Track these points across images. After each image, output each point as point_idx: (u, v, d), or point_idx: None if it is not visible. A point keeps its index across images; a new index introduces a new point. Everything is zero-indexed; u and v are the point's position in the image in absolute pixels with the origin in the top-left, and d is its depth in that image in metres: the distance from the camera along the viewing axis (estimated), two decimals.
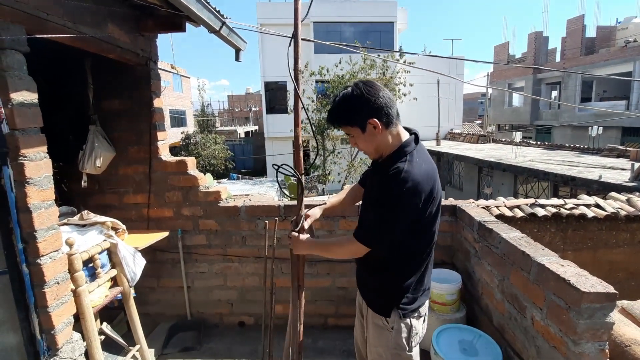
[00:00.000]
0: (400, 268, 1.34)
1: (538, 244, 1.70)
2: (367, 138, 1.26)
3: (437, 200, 1.27)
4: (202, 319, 2.72)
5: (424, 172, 1.21)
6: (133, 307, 2.18)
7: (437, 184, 1.26)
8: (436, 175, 1.27)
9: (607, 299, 1.25)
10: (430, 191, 1.22)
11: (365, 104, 1.21)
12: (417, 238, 1.29)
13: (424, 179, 1.20)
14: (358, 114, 1.23)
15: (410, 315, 1.35)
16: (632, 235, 5.02)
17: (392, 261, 1.34)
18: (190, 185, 2.56)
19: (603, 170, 8.56)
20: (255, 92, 42.76)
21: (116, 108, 2.55)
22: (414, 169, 1.18)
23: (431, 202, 1.24)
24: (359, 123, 1.24)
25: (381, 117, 1.22)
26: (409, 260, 1.33)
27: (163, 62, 23.07)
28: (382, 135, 1.25)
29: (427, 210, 1.23)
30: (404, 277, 1.34)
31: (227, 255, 2.62)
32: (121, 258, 2.04)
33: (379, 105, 1.21)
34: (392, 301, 1.34)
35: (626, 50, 17.12)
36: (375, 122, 1.22)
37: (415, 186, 1.16)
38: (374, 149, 1.29)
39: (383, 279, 1.37)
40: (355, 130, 1.26)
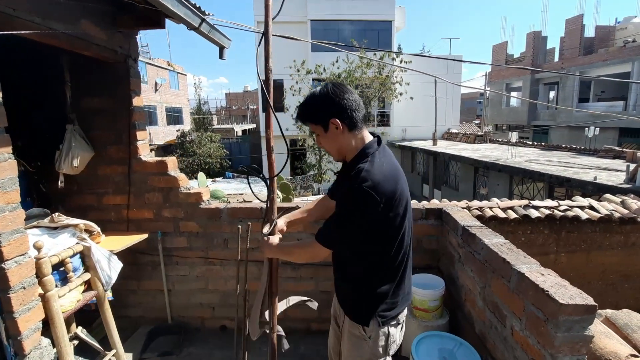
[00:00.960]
0: (375, 274, 1.31)
1: (520, 250, 1.65)
2: (329, 137, 1.28)
3: (402, 202, 1.24)
4: (183, 322, 2.66)
5: (386, 172, 1.20)
6: (108, 311, 2.12)
7: (402, 185, 1.24)
8: (400, 177, 1.25)
9: (587, 312, 1.20)
10: (393, 192, 1.19)
11: (329, 103, 1.23)
12: (385, 242, 1.26)
13: (385, 179, 1.18)
14: (321, 113, 1.25)
15: (389, 322, 1.33)
16: (626, 237, 4.99)
17: (366, 267, 1.31)
18: (171, 186, 2.50)
19: (598, 171, 8.54)
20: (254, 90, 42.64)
21: (95, 106, 2.49)
22: (374, 169, 1.17)
23: (395, 203, 1.20)
24: (322, 121, 1.25)
25: (344, 118, 1.23)
26: (383, 266, 1.30)
27: (159, 59, 22.96)
28: (344, 137, 1.26)
29: (391, 211, 1.20)
30: (380, 284, 1.31)
31: (209, 258, 2.57)
32: (95, 261, 1.98)
33: (342, 106, 1.22)
34: (370, 309, 1.31)
35: (625, 50, 17.10)
36: (337, 122, 1.23)
37: (374, 186, 1.14)
38: (336, 150, 1.31)
39: (359, 287, 1.34)
40: (318, 128, 1.28)
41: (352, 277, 1.36)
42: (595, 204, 5.03)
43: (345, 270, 1.39)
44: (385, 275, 1.31)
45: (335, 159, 1.35)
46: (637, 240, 4.99)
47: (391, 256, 1.29)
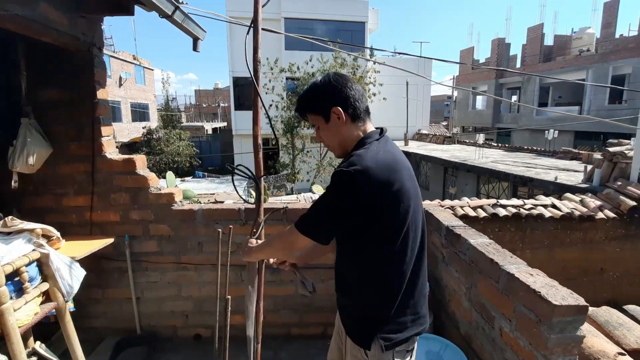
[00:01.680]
0: (376, 283, 1.13)
1: (506, 250, 1.66)
2: (331, 129, 1.17)
3: (405, 195, 1.07)
4: (153, 332, 2.48)
5: (380, 159, 1.05)
6: (70, 323, 1.92)
7: (402, 177, 1.08)
8: (400, 168, 1.09)
9: (579, 312, 1.20)
10: (386, 182, 1.03)
11: (330, 91, 1.15)
12: (381, 243, 1.09)
13: (377, 166, 1.03)
14: (322, 101, 1.16)
15: (395, 348, 1.11)
16: (585, 234, 5.29)
17: (362, 275, 1.14)
18: (140, 186, 2.32)
19: (558, 171, 9.04)
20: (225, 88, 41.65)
21: (54, 98, 2.26)
22: (366, 154, 1.06)
23: (392, 194, 1.05)
24: (323, 111, 1.16)
25: (346, 107, 1.14)
26: (385, 272, 1.12)
27: (124, 53, 21.87)
28: (346, 128, 1.16)
29: (385, 202, 1.04)
30: (381, 295, 1.12)
31: (182, 263, 2.41)
32: (54, 270, 1.78)
33: (345, 95, 1.14)
34: (371, 329, 1.11)
35: (580, 58, 18.30)
36: (339, 110, 1.13)
37: (362, 170, 1.01)
38: (338, 143, 1.19)
39: (359, 300, 1.17)
40: (318, 119, 1.18)
41: (350, 288, 1.20)
42: (557, 203, 5.30)
43: (344, 281, 1.22)
44: (386, 286, 1.12)
45: (337, 154, 1.22)
46: (595, 237, 5.31)
47: (392, 262, 1.11)
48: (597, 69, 16.99)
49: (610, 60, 16.44)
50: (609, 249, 5.24)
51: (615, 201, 5.34)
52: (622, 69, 16.42)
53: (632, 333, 1.55)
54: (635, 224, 5.21)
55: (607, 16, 16.76)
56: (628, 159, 5.64)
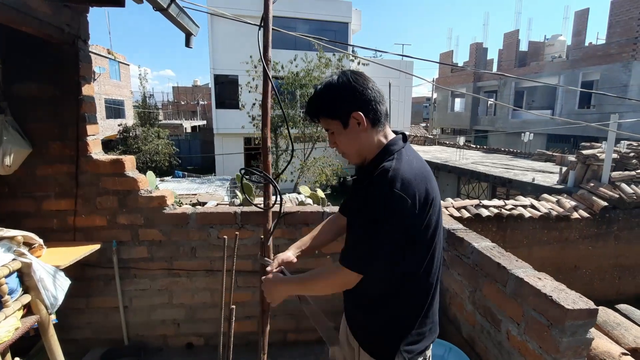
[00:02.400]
0: (403, 298, 1.08)
1: (510, 254, 1.67)
2: (349, 136, 1.06)
3: (436, 206, 1.03)
4: (142, 342, 2.35)
5: (416, 170, 0.99)
6: (53, 337, 1.79)
7: (434, 186, 1.03)
8: (431, 176, 1.04)
9: (590, 316, 1.21)
10: (426, 193, 0.99)
11: (350, 94, 1.02)
12: (417, 255, 1.04)
13: (417, 177, 0.98)
14: (341, 105, 1.03)
15: (418, 357, 1.10)
16: (561, 233, 5.51)
17: (391, 290, 1.07)
18: (129, 188, 2.19)
19: (535, 173, 9.37)
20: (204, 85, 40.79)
21: (33, 94, 2.10)
22: (403, 166, 0.98)
23: (429, 207, 1.00)
24: (341, 116, 1.04)
25: (368, 111, 1.03)
26: (412, 287, 1.07)
27: (98, 46, 20.98)
28: (366, 135, 1.05)
29: (424, 217, 0.99)
30: (406, 310, 1.09)
31: (173, 269, 2.30)
32: (37, 280, 1.65)
33: (366, 97, 1.02)
34: (394, 343, 1.07)
35: (553, 64, 19.10)
36: (360, 116, 1.02)
37: (406, 187, 0.94)
38: (356, 150, 1.08)
39: (380, 314, 1.10)
40: (336, 124, 1.06)
41: (371, 302, 1.11)
42: (535, 203, 5.49)
43: (361, 293, 1.11)
44: (413, 300, 1.08)
45: (353, 161, 1.13)
46: (569, 236, 5.54)
47: (421, 275, 1.06)
48: (568, 74, 17.79)
49: (580, 67, 17.26)
50: (582, 247, 5.49)
51: (589, 201, 5.59)
52: (591, 75, 17.26)
53: (630, 332, 1.59)
54: (606, 223, 5.48)
55: (578, 24, 17.60)
56: (600, 162, 5.92)
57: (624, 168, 6.11)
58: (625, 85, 14.91)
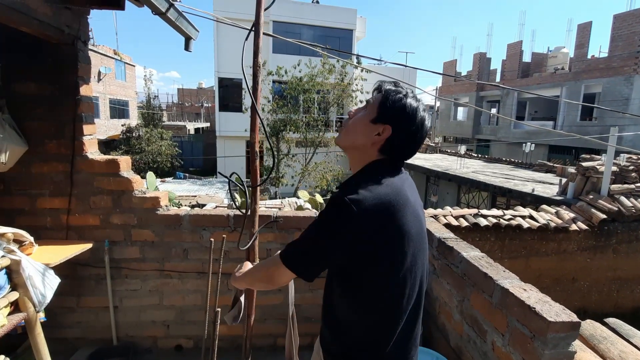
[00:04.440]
0: (363, 329, 1.00)
1: (499, 264, 1.67)
2: (365, 127, 0.99)
3: (403, 238, 0.93)
4: (131, 343, 2.35)
5: (381, 193, 0.91)
6: (40, 336, 1.79)
7: (405, 217, 0.93)
8: (403, 206, 0.94)
9: (572, 328, 1.21)
10: (387, 219, 0.91)
11: (405, 115, 0.96)
12: (374, 284, 0.95)
13: (378, 199, 0.90)
14: (390, 108, 0.96)
15: None
16: (559, 244, 5.48)
17: (352, 318, 1.00)
18: (123, 189, 2.21)
19: (535, 183, 9.35)
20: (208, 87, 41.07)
21: (32, 93, 2.12)
22: (367, 183, 0.92)
23: (391, 235, 0.92)
24: (380, 113, 0.97)
25: (395, 137, 0.96)
26: (373, 320, 0.99)
27: (105, 47, 21.21)
28: (372, 146, 0.98)
29: (381, 242, 0.91)
30: (368, 343, 1.00)
31: (165, 270, 2.30)
32: (26, 278, 1.66)
33: (406, 129, 0.96)
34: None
35: (555, 76, 19.13)
36: (389, 130, 0.95)
37: (360, 201, 0.88)
38: (352, 143, 1.02)
39: (343, 342, 1.03)
40: (371, 111, 0.99)
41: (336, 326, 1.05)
42: (534, 214, 5.48)
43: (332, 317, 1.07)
44: (374, 334, 0.99)
45: (342, 144, 1.06)
46: (568, 248, 5.52)
47: (382, 310, 0.97)
48: (570, 86, 17.80)
49: (583, 79, 17.27)
50: (580, 259, 5.46)
51: (587, 214, 5.57)
52: (593, 87, 17.27)
53: (616, 347, 1.59)
54: (604, 236, 5.45)
55: (581, 37, 17.64)
56: (599, 174, 5.91)
57: (623, 181, 6.10)
58: (627, 99, 14.90)
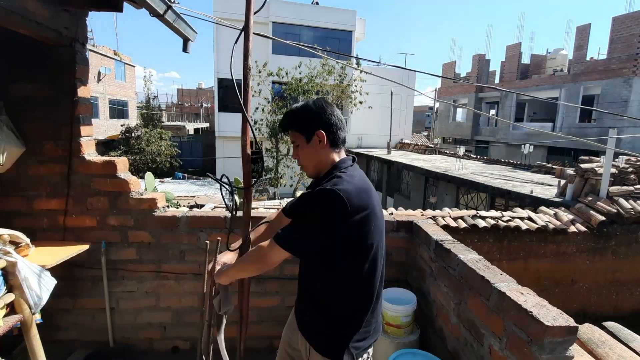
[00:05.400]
0: (350, 301, 1.22)
1: (496, 267, 1.66)
2: (310, 150, 1.25)
3: (376, 219, 1.18)
4: (127, 345, 2.35)
5: (358, 184, 1.16)
6: (36, 337, 1.78)
7: (374, 202, 1.19)
8: (372, 194, 1.21)
9: (569, 333, 1.20)
10: (364, 206, 1.14)
11: (319, 115, 1.23)
12: (357, 260, 1.18)
13: (357, 190, 1.14)
14: (308, 122, 1.23)
15: (362, 354, 1.24)
16: (558, 246, 5.48)
17: (340, 294, 1.22)
18: (120, 190, 2.20)
19: (534, 185, 9.35)
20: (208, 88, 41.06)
21: (29, 94, 2.12)
22: (344, 179, 1.15)
23: (366, 218, 1.15)
24: (307, 131, 1.23)
25: (329, 132, 1.23)
26: (357, 291, 1.22)
27: (105, 47, 21.22)
28: (324, 152, 1.25)
29: (362, 227, 1.14)
30: (354, 311, 1.22)
31: (162, 272, 2.30)
32: (21, 280, 1.65)
33: (330, 121, 1.23)
34: (343, 340, 1.20)
35: (554, 77, 19.16)
36: (322, 134, 1.22)
37: (347, 191, 1.10)
38: (314, 164, 1.27)
39: (333, 318, 1.23)
40: (300, 138, 1.25)
41: (322, 304, 1.25)
42: (533, 216, 5.47)
43: (314, 294, 1.27)
44: (359, 303, 1.22)
45: (310, 174, 1.30)
46: (567, 250, 5.52)
47: (364, 282, 1.21)
48: (569, 88, 17.84)
49: (581, 81, 17.30)
50: (579, 261, 5.45)
51: (586, 215, 5.57)
52: (592, 89, 17.30)
53: (614, 351, 1.58)
54: (603, 238, 5.45)
55: (579, 39, 17.67)
56: (598, 176, 5.91)
57: (622, 183, 6.09)
58: (626, 101, 14.93)
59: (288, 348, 1.42)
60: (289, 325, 1.43)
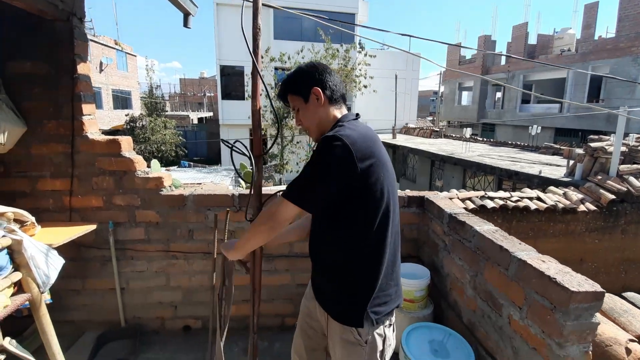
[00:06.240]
0: (363, 262, 1.16)
1: (514, 237, 1.61)
2: (309, 109, 1.23)
3: (382, 169, 1.13)
4: (138, 325, 2.34)
5: (363, 132, 1.13)
6: (45, 317, 1.77)
7: (380, 151, 1.15)
8: (378, 143, 1.17)
9: (595, 298, 1.15)
10: (370, 153, 1.10)
11: (312, 73, 1.23)
12: (367, 214, 1.13)
13: (362, 138, 1.10)
14: (303, 82, 1.23)
15: (383, 321, 1.19)
16: (567, 226, 5.40)
17: (348, 251, 1.16)
18: (125, 169, 2.16)
19: (542, 166, 9.22)
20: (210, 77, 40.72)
21: (27, 71, 2.06)
22: (346, 129, 1.11)
23: (373, 167, 1.10)
24: (303, 91, 1.23)
25: (324, 88, 1.22)
26: (368, 247, 1.15)
27: (105, 37, 21.03)
28: (324, 109, 1.23)
29: (368, 175, 1.09)
30: (369, 272, 1.16)
31: (171, 251, 2.27)
32: (28, 258, 1.62)
33: (324, 78, 1.22)
34: (360, 305, 1.15)
35: (561, 58, 18.68)
36: (318, 91, 1.21)
37: (349, 138, 1.06)
38: (316, 124, 1.24)
39: (343, 278, 1.19)
40: (299, 100, 1.24)
41: (334, 268, 1.20)
42: (542, 195, 5.38)
43: (326, 260, 1.23)
44: (372, 259, 1.16)
45: (314, 136, 1.27)
46: (576, 229, 5.43)
47: (375, 234, 1.14)
48: (577, 68, 17.38)
49: (590, 61, 16.84)
50: (588, 240, 5.38)
51: (596, 194, 5.47)
52: (600, 69, 16.84)
53: (638, 320, 1.53)
54: (613, 217, 5.35)
55: (587, 18, 17.13)
56: (608, 155, 5.77)
57: (633, 161, 5.95)
58: (635, 79, 14.53)
59: (308, 319, 1.39)
60: (307, 296, 1.40)
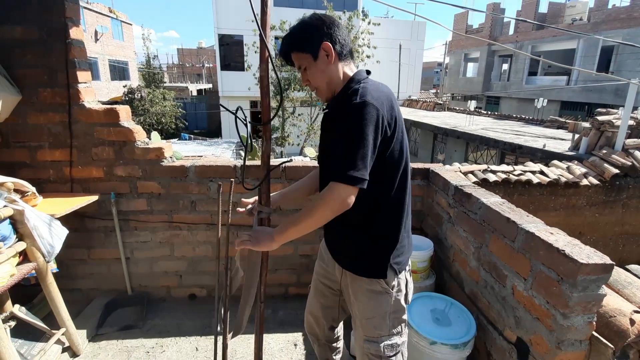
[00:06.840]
0: (386, 215, 1.19)
1: (521, 209, 1.58)
2: (319, 67, 1.14)
3: (401, 126, 1.13)
4: (145, 292, 2.39)
5: (381, 91, 1.11)
6: (52, 285, 1.80)
7: (397, 108, 1.14)
8: (394, 100, 1.16)
9: (604, 270, 1.14)
10: (391, 108, 1.10)
11: (319, 27, 1.12)
12: (391, 171, 1.15)
13: (383, 96, 1.09)
14: (311, 38, 1.13)
15: (404, 268, 1.25)
16: (568, 199, 5.39)
17: (372, 206, 1.16)
18: (124, 139, 2.11)
19: (546, 139, 9.10)
20: (209, 47, 39.59)
21: (18, 37, 1.97)
22: (370, 86, 1.09)
23: (395, 123, 1.10)
24: (312, 48, 1.13)
25: (334, 43, 1.13)
26: (392, 204, 1.19)
27: (99, 5, 20.24)
28: (335, 67, 1.15)
29: (392, 131, 1.10)
30: (391, 225, 1.21)
31: (174, 222, 2.27)
32: (31, 228, 1.62)
33: (333, 32, 1.13)
34: (384, 258, 1.20)
35: (573, 27, 17.97)
36: (328, 46, 1.11)
37: (376, 99, 1.04)
38: (326, 82, 1.16)
39: (372, 235, 1.20)
40: (307, 58, 1.14)
41: (359, 225, 1.19)
42: (545, 169, 5.34)
43: (350, 217, 1.10)
44: (395, 214, 1.20)
45: (324, 96, 1.20)
46: (577, 203, 5.43)
47: (397, 190, 1.18)
48: (588, 38, 16.75)
49: (601, 31, 16.20)
50: (588, 214, 5.39)
51: (600, 168, 5.42)
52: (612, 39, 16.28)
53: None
54: (615, 191, 5.33)
55: None
56: (615, 128, 5.65)
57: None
58: None
59: (323, 279, 1.42)
60: (322, 257, 1.43)
